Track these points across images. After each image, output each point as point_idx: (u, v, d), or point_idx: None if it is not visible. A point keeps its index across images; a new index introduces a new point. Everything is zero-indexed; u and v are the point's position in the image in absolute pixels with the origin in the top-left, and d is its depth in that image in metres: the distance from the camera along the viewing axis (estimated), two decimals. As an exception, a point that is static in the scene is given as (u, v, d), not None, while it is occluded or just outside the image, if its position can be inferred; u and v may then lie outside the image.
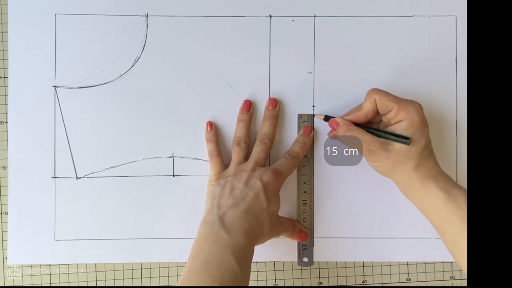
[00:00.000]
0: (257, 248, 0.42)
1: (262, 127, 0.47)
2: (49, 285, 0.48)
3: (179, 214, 0.48)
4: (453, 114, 0.49)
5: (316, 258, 0.49)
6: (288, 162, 0.45)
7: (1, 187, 0.48)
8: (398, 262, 0.49)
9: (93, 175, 0.48)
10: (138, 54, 0.48)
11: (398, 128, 0.42)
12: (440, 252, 0.48)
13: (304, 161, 0.48)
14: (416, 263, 0.49)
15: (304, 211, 0.48)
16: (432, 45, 0.49)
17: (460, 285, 0.49)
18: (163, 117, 0.48)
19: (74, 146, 0.48)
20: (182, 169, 0.48)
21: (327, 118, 0.46)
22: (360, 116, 0.44)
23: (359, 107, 0.45)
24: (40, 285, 0.48)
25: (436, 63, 0.49)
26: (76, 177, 0.48)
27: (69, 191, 0.48)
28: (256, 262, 0.49)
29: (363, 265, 0.49)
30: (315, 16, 0.48)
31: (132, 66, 0.48)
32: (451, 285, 0.49)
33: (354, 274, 0.49)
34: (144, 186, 0.48)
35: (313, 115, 0.48)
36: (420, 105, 0.42)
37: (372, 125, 0.45)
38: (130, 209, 0.48)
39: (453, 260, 0.48)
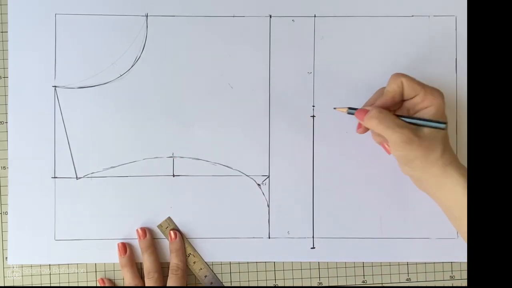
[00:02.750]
0: (260, 248, 0.42)
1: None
2: (49, 285, 0.48)
3: (179, 214, 0.48)
4: (453, 114, 0.49)
5: (316, 258, 0.49)
6: (176, 280, 0.46)
7: (1, 187, 0.48)
8: (398, 262, 0.49)
9: (93, 175, 0.48)
10: (138, 54, 0.48)
11: (425, 114, 0.41)
12: (440, 252, 0.48)
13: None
14: (416, 263, 0.49)
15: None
16: (432, 45, 0.49)
17: (460, 285, 0.49)
18: (163, 117, 0.48)
19: (74, 146, 0.48)
20: (182, 169, 0.48)
21: (351, 111, 0.43)
22: (387, 100, 0.41)
23: (381, 92, 0.43)
24: (40, 285, 0.48)
25: (436, 63, 0.49)
26: (76, 177, 0.48)
27: (69, 191, 0.48)
28: (256, 262, 0.49)
29: (363, 265, 0.49)
30: (315, 16, 0.48)
31: (132, 66, 0.48)
32: (451, 285, 0.49)
33: (354, 274, 0.49)
34: (144, 186, 0.48)
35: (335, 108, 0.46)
36: (442, 93, 0.41)
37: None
38: (130, 209, 0.48)
39: (453, 260, 0.49)
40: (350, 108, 0.43)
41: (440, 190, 0.41)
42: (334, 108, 0.46)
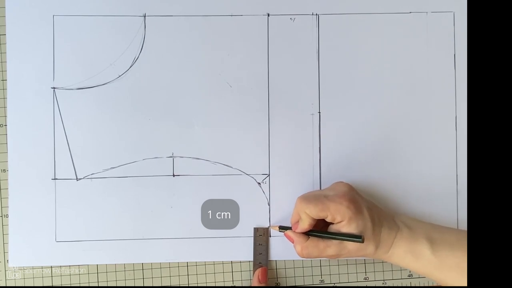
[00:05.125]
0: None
1: None
2: (50, 285, 0.48)
3: (179, 214, 0.48)
4: (452, 110, 0.49)
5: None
6: None
7: (2, 190, 0.48)
8: (400, 258, 0.49)
9: (93, 176, 0.48)
10: (137, 55, 0.48)
11: (342, 228, 0.42)
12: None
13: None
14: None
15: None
16: (430, 41, 0.49)
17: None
18: (162, 117, 0.48)
19: (74, 147, 0.48)
20: (182, 169, 0.48)
21: (282, 228, 0.46)
22: (305, 228, 0.43)
23: (297, 212, 0.44)
24: (41, 286, 0.48)
25: (434, 60, 0.49)
26: (76, 179, 0.48)
27: (69, 192, 0.48)
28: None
29: (365, 262, 0.49)
30: (312, 14, 0.48)
31: (130, 67, 0.48)
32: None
33: (356, 271, 0.49)
34: (144, 186, 0.48)
35: (269, 227, 0.48)
36: (348, 196, 0.42)
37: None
38: (130, 209, 0.48)
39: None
40: (281, 228, 0.46)
41: (396, 264, 0.44)
42: (268, 227, 0.48)
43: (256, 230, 0.48)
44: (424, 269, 0.42)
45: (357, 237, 0.41)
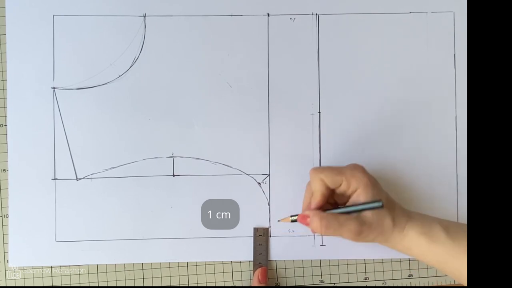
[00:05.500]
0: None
1: None
2: (50, 285, 0.48)
3: (179, 214, 0.48)
4: (452, 110, 0.49)
5: (318, 256, 0.49)
6: None
7: (2, 190, 0.48)
8: (400, 258, 0.49)
9: (93, 176, 0.48)
10: (137, 55, 0.48)
11: (357, 198, 0.41)
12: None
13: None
14: (418, 260, 0.49)
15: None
16: (430, 41, 0.49)
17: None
18: (162, 117, 0.48)
19: (74, 147, 0.48)
20: (182, 169, 0.48)
21: (293, 218, 0.44)
22: (318, 200, 0.42)
23: (310, 190, 0.43)
24: (41, 286, 0.48)
25: (434, 60, 0.49)
26: (76, 179, 0.48)
27: (69, 192, 0.48)
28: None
29: (365, 262, 0.49)
30: (312, 14, 0.49)
31: (130, 67, 0.48)
32: (453, 281, 0.49)
33: (356, 271, 0.49)
34: (144, 186, 0.48)
35: (279, 221, 0.47)
36: (362, 167, 0.42)
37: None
38: (130, 209, 0.48)
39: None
40: (292, 216, 0.45)
41: (408, 251, 0.42)
42: (278, 221, 0.47)
43: (256, 230, 0.48)
44: (438, 255, 0.40)
45: (375, 202, 0.40)
